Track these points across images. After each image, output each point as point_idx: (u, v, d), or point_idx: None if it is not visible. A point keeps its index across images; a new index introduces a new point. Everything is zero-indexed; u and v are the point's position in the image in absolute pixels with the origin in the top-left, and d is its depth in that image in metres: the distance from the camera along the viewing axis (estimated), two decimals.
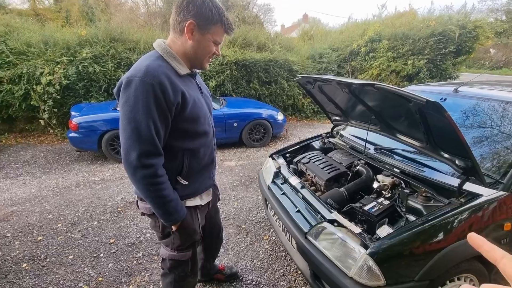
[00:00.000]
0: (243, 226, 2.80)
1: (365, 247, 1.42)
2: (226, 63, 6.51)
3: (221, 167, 4.38)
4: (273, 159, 2.67)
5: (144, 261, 2.30)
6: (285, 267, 2.26)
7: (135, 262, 2.30)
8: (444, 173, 1.77)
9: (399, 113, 1.77)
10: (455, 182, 1.65)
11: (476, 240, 0.33)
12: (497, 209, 1.53)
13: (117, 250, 2.42)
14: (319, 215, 1.77)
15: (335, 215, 1.68)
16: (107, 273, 2.17)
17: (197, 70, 1.33)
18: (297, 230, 1.80)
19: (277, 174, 2.43)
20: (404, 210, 1.69)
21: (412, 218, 1.62)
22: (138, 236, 2.63)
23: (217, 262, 2.31)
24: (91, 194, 3.44)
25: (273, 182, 2.39)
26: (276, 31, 17.78)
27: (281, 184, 2.28)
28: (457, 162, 1.59)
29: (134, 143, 1.05)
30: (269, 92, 7.24)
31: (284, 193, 2.17)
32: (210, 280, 2.10)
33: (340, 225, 1.63)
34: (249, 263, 2.32)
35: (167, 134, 1.14)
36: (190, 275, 1.44)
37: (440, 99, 2.27)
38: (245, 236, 2.66)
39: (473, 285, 1.60)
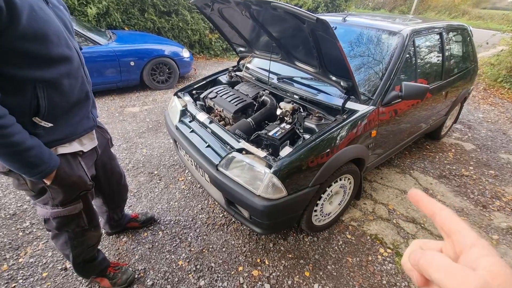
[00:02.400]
0: (156, 172, 2.65)
1: (270, 167, 1.55)
2: None
3: (122, 114, 3.83)
4: (179, 97, 2.46)
5: (35, 230, 1.95)
6: (203, 202, 2.33)
7: (21, 233, 1.92)
8: (333, 95, 2.00)
9: (296, 39, 1.80)
10: (340, 102, 1.90)
11: (415, 196, 0.33)
12: (368, 120, 1.88)
13: None
14: (228, 147, 1.80)
15: (243, 144, 1.73)
16: None
17: None
18: (208, 164, 1.80)
19: (184, 112, 2.27)
20: (301, 131, 1.89)
21: (308, 136, 1.83)
22: (19, 205, 2.15)
23: (129, 211, 2.18)
24: None
25: (180, 121, 2.23)
26: None
27: (189, 122, 2.16)
28: (341, 83, 1.80)
29: None
30: (170, 25, 6.32)
31: (192, 131, 2.08)
32: (124, 230, 1.99)
33: (248, 152, 1.70)
34: (166, 205, 2.28)
35: None
36: (89, 228, 1.28)
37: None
38: (158, 181, 2.54)
39: (349, 181, 2.03)
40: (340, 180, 1.91)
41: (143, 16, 5.86)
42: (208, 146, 1.90)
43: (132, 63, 4.35)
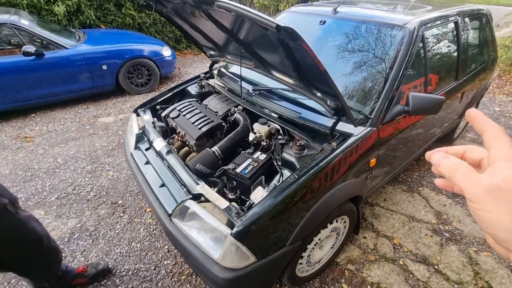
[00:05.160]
0: (120, 202, 2.28)
1: (232, 226, 1.15)
2: None
3: (94, 126, 3.44)
4: (138, 115, 2.05)
5: None
6: (169, 241, 1.96)
7: None
8: (320, 113, 1.57)
9: (266, 45, 1.36)
10: (329, 123, 1.47)
11: (472, 114, 0.34)
12: (365, 147, 1.45)
13: None
14: (185, 189, 1.40)
15: (201, 188, 1.33)
16: None
17: None
18: (162, 211, 1.41)
19: (141, 136, 1.87)
20: (280, 163, 1.47)
21: (287, 173, 1.42)
22: None
23: (76, 264, 1.81)
24: None
25: (137, 147, 1.84)
26: None
27: (146, 150, 1.76)
28: (328, 102, 1.37)
29: None
30: (151, 20, 5.81)
31: (148, 162, 1.68)
32: None
33: (207, 200, 1.30)
34: (126, 248, 1.91)
35: None
36: None
37: (320, 22, 1.96)
38: (121, 214, 2.17)
39: (343, 222, 1.62)
40: (332, 223, 1.51)
41: (120, 11, 5.35)
42: (163, 185, 1.51)
43: (104, 67, 3.91)
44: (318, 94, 1.39)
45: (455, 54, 2.12)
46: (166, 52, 4.54)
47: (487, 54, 2.67)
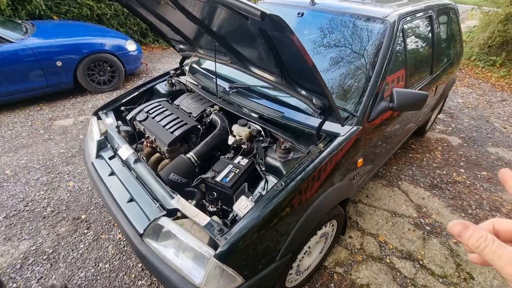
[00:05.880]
0: (83, 217, 2.01)
1: (215, 246, 1.01)
2: None
3: (49, 130, 3.05)
4: (99, 118, 1.81)
5: None
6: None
7: None
8: (304, 111, 1.47)
9: (244, 37, 1.21)
10: (314, 122, 1.37)
11: (506, 176, 0.33)
12: (353, 146, 1.37)
13: None
14: (157, 204, 1.22)
15: (177, 202, 1.17)
16: None
17: None
18: (131, 230, 1.23)
19: (104, 143, 1.64)
20: (263, 169, 1.34)
21: (272, 179, 1.30)
22: None
23: None
24: None
25: (99, 156, 1.60)
26: None
27: (110, 158, 1.54)
28: (314, 100, 1.26)
29: None
30: (112, 11, 5.33)
31: (112, 173, 1.47)
32: None
33: (184, 215, 1.14)
34: (92, 270, 1.68)
35: None
36: None
37: (298, 15, 1.85)
38: (86, 231, 1.92)
39: (332, 226, 1.55)
40: (321, 229, 1.42)
41: (75, 0, 4.83)
42: (132, 200, 1.31)
43: (59, 63, 3.49)
44: (303, 92, 1.28)
45: (430, 48, 2.13)
46: (131, 46, 4.18)
47: (455, 48, 2.75)
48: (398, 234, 1.94)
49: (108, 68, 3.95)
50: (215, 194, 1.22)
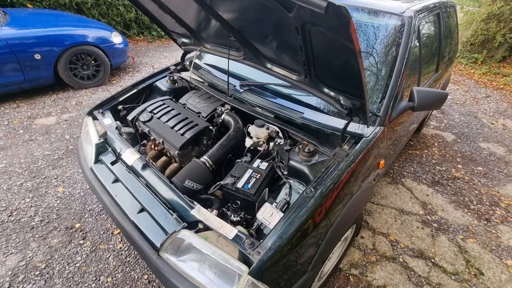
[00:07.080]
0: (77, 226, 1.85)
1: (247, 262, 0.92)
2: None
3: (30, 130, 2.78)
4: (95, 118, 1.64)
5: None
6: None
7: None
8: (325, 112, 1.39)
9: (269, 31, 1.11)
10: (338, 124, 1.31)
11: None
12: (377, 147, 1.32)
13: None
14: (174, 215, 1.11)
15: (198, 212, 1.06)
16: None
17: None
18: (145, 245, 1.11)
19: (104, 146, 1.48)
20: (286, 172, 1.26)
21: (296, 184, 1.22)
22: None
23: None
24: None
25: (99, 161, 1.45)
26: None
27: (112, 164, 1.40)
28: (342, 100, 1.19)
29: None
30: (94, 0, 4.96)
31: (117, 180, 1.33)
32: None
33: (207, 228, 1.04)
34: (93, 285, 1.54)
35: None
36: None
37: None
38: (81, 241, 1.76)
39: (352, 230, 1.51)
40: (344, 234, 1.37)
41: None
42: (143, 210, 1.19)
43: (37, 56, 3.18)
44: (329, 92, 1.20)
45: (437, 45, 2.13)
46: (116, 38, 3.91)
47: (454, 45, 2.79)
48: (408, 232, 1.94)
49: (92, 62, 3.67)
50: (239, 202, 1.12)
